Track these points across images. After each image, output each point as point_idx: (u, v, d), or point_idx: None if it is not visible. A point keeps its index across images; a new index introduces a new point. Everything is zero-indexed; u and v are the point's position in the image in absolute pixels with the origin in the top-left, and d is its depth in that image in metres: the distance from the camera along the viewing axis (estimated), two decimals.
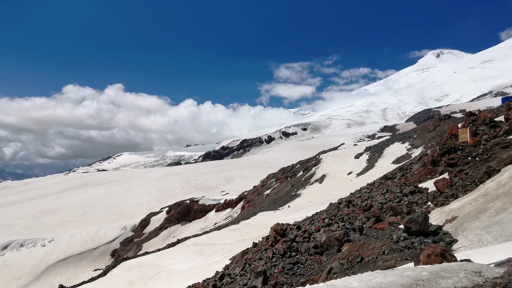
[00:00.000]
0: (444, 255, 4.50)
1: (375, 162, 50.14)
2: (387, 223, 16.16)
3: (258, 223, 32.70)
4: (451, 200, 17.09)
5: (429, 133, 51.92)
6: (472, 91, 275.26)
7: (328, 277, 9.38)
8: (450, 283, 2.91)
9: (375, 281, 2.92)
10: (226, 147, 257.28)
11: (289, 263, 13.15)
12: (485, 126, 30.65)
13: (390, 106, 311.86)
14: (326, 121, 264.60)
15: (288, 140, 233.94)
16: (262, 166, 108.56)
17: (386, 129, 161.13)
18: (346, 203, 24.82)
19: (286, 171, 68.48)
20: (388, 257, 10.17)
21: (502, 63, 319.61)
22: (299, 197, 44.83)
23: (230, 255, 22.16)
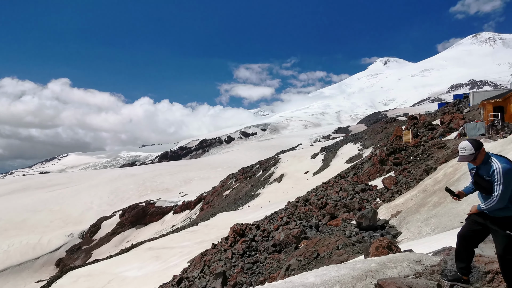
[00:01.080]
0: (390, 247, 4.89)
1: (330, 161, 52.68)
2: (341, 220, 17.07)
3: (218, 224, 32.42)
4: (396, 196, 18.60)
5: (378, 135, 55.96)
6: (413, 96, 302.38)
7: (286, 274, 9.64)
8: (395, 272, 3.18)
9: (330, 275, 3.08)
10: (184, 147, 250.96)
11: (248, 262, 13.25)
12: (425, 129, 33.88)
13: (344, 109, 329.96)
14: (285, 122, 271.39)
15: (248, 141, 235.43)
16: (222, 166, 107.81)
17: (340, 130, 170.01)
18: (303, 202, 25.71)
19: (246, 171, 68.82)
20: (341, 251, 10.75)
21: (438, 73, 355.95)
22: (259, 196, 45.37)
23: (188, 257, 21.65)
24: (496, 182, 2.72)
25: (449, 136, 28.59)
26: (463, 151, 2.88)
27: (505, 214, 2.72)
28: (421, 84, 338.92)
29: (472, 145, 2.87)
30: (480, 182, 2.87)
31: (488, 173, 2.79)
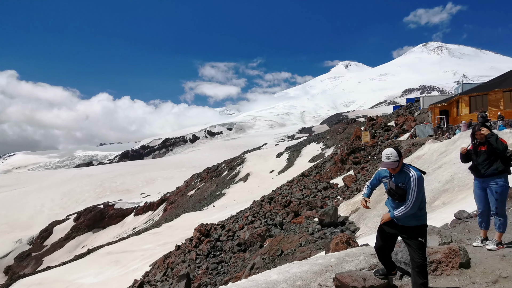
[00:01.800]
0: (349, 242, 5.15)
1: (294, 160, 54.01)
2: (304, 217, 17.59)
3: (182, 224, 31.71)
4: (355, 193, 19.60)
5: (339, 135, 58.48)
6: (372, 99, 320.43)
7: (251, 272, 9.72)
8: (352, 265, 3.37)
9: (292, 271, 3.18)
10: (146, 146, 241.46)
11: (213, 263, 13.14)
12: (381, 130, 36.01)
13: (308, 110, 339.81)
14: (251, 122, 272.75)
15: (213, 140, 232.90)
16: (186, 166, 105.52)
17: (304, 131, 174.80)
18: (268, 200, 26.07)
19: (211, 171, 68.06)
20: (304, 248, 11.09)
21: (393, 77, 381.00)
22: (224, 196, 45.13)
23: (150, 261, 20.91)
24: (411, 188, 2.83)
25: (402, 137, 30.76)
26: (389, 157, 2.89)
27: (416, 223, 2.85)
28: (379, 87, 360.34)
29: (397, 152, 2.92)
30: (395, 189, 2.92)
31: (403, 181, 2.88)
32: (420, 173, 2.93)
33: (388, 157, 2.90)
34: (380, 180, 3.20)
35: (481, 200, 3.62)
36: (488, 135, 3.57)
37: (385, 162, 2.91)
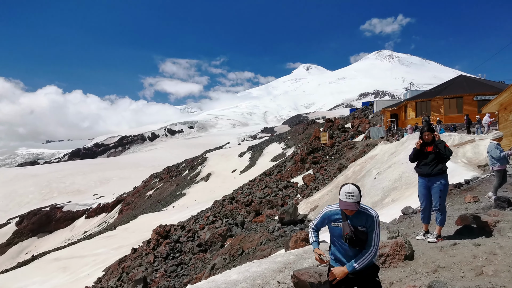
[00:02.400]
0: (307, 239, 5.33)
1: (257, 160, 54.51)
2: (265, 216, 17.83)
3: (139, 226, 30.37)
4: (314, 192, 20.35)
5: (299, 135, 60.26)
6: (330, 101, 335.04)
7: (211, 273, 9.62)
8: (310, 262, 3.49)
9: (252, 270, 3.21)
10: (100, 144, 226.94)
11: (172, 265, 12.78)
12: (339, 131, 37.76)
13: (270, 110, 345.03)
14: (213, 120, 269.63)
15: (174, 138, 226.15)
16: (145, 165, 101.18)
17: (266, 130, 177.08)
18: (229, 200, 26.00)
19: (171, 170, 66.12)
20: (265, 246, 11.25)
21: (350, 81, 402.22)
22: (185, 196, 44.13)
23: (103, 266, 19.71)
24: (374, 231, 2.32)
25: (357, 138, 32.62)
26: (350, 197, 2.31)
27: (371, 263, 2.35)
28: (337, 90, 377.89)
29: (358, 191, 2.36)
30: (358, 234, 2.31)
31: (364, 223, 2.34)
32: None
33: (349, 196, 2.31)
34: (328, 222, 2.51)
35: (425, 197, 3.97)
36: (438, 141, 3.95)
37: (345, 202, 2.32)
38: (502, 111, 14.17)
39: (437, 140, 3.94)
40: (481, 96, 22.56)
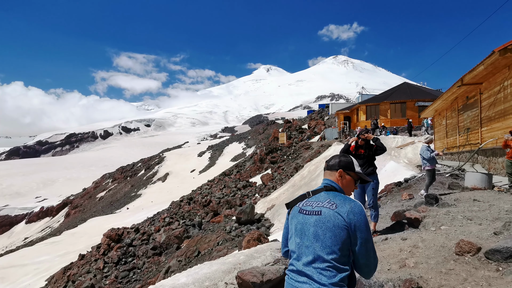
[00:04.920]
0: (260, 238, 5.48)
1: (216, 160, 54.06)
2: (223, 216, 17.81)
3: (88, 231, 28.44)
4: (272, 191, 20.81)
5: (259, 135, 61.02)
6: (289, 103, 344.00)
7: (165, 276, 9.39)
8: (259, 261, 3.61)
9: (202, 272, 3.23)
10: (45, 142, 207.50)
11: (124, 270, 12.20)
12: (296, 132, 38.96)
13: (231, 109, 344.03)
14: (171, 119, 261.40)
15: (129, 136, 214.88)
16: (96, 165, 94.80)
17: (226, 130, 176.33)
18: (187, 200, 25.49)
19: (126, 170, 62.88)
20: (221, 247, 11.26)
21: (309, 84, 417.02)
22: (140, 197, 42.32)
23: (47, 275, 18.14)
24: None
25: (314, 139, 34.02)
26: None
27: None
28: (296, 92, 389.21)
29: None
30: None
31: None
32: None
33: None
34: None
35: (360, 196, 4.35)
36: (374, 138, 4.38)
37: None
38: (437, 116, 15.80)
39: (373, 137, 4.35)
40: (421, 102, 24.91)
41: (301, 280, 1.45)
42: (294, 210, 1.64)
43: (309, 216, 1.54)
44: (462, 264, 2.58)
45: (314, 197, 1.61)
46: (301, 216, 1.57)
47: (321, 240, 1.46)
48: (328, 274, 1.42)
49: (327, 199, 1.56)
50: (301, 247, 1.51)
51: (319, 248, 1.46)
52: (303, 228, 1.53)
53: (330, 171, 1.70)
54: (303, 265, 1.47)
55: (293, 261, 1.53)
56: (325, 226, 1.48)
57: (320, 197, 1.59)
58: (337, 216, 1.47)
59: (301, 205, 1.61)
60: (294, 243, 1.56)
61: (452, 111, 12.96)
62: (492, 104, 9.10)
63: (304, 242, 1.51)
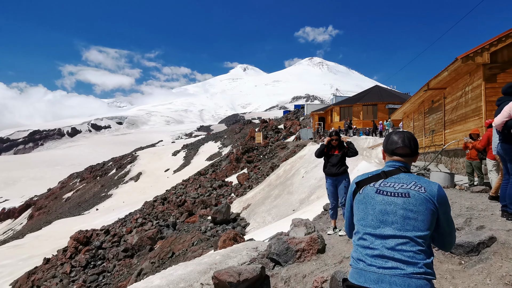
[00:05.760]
0: (235, 238, 5.47)
1: (191, 159, 53.22)
2: (198, 216, 17.58)
3: (54, 233, 26.97)
4: (248, 190, 20.83)
5: (236, 135, 60.85)
6: (266, 103, 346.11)
7: (137, 279, 9.10)
8: (235, 261, 3.60)
9: (176, 274, 3.17)
10: (6, 139, 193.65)
11: (93, 274, 11.69)
12: (272, 131, 39.27)
13: (207, 108, 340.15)
14: (145, 117, 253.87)
15: (99, 134, 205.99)
16: (63, 164, 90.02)
17: (202, 129, 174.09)
18: (161, 200, 24.89)
19: (95, 170, 60.26)
20: (196, 247, 11.11)
21: (285, 84, 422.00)
22: (111, 197, 40.74)
23: (10, 279, 17.00)
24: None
25: (289, 139, 34.48)
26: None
27: None
28: (272, 92, 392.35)
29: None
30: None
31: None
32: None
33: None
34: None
35: (333, 195, 4.48)
36: (348, 142, 4.51)
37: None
38: (405, 118, 16.58)
39: (347, 141, 4.49)
40: (391, 104, 26.03)
41: (389, 265, 1.33)
42: (367, 190, 1.51)
43: (393, 197, 1.44)
44: None
45: (393, 179, 1.51)
46: (381, 197, 1.46)
47: (411, 223, 1.39)
48: (421, 257, 1.35)
49: (411, 181, 1.48)
50: (385, 230, 1.39)
51: (410, 231, 1.37)
52: (386, 210, 1.43)
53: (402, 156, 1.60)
54: (390, 249, 1.35)
55: (372, 245, 1.39)
56: (416, 209, 1.40)
57: (401, 179, 1.50)
58: (428, 200, 1.42)
59: (377, 186, 1.50)
60: (371, 226, 1.43)
61: (419, 113, 13.67)
62: (454, 108, 9.71)
63: (389, 224, 1.40)
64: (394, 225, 1.40)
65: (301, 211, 10.72)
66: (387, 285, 1.30)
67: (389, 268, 1.32)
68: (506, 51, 7.81)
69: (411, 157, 1.60)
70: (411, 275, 1.31)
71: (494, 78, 7.80)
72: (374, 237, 1.41)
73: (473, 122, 8.30)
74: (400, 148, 1.59)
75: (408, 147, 1.59)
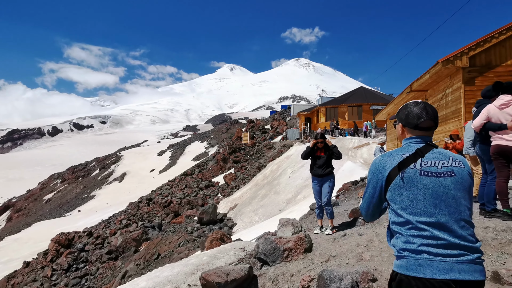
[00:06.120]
0: (223, 238, 5.45)
1: (177, 159, 52.60)
2: (184, 217, 17.40)
3: (33, 236, 26.08)
4: (234, 191, 20.78)
5: (222, 134, 60.58)
6: (253, 103, 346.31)
7: (122, 282, 8.92)
8: (223, 261, 3.59)
9: (163, 275, 3.13)
10: None
11: (75, 277, 11.37)
12: (259, 132, 39.34)
13: (193, 108, 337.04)
14: (130, 116, 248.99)
15: (81, 134, 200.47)
16: (43, 164, 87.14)
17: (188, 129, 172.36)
18: (146, 201, 24.49)
19: (78, 170, 58.64)
20: (182, 248, 10.99)
21: (272, 85, 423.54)
22: (94, 199, 39.75)
23: None
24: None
25: (276, 139, 34.63)
26: None
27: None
28: (259, 92, 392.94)
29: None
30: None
31: None
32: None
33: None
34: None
35: (320, 195, 4.55)
36: (332, 146, 4.58)
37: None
38: (388, 119, 16.97)
39: (331, 145, 4.57)
40: (376, 105, 26.59)
41: (455, 253, 1.23)
42: (409, 174, 1.33)
43: (441, 178, 1.31)
44: None
45: (430, 157, 1.36)
46: (428, 180, 1.31)
47: (463, 204, 1.29)
48: (475, 240, 1.27)
49: (448, 157, 1.37)
50: (441, 216, 1.27)
51: (463, 213, 1.28)
52: (437, 193, 1.29)
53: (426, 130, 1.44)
54: (452, 236, 1.25)
55: (432, 234, 1.26)
56: (463, 187, 1.31)
57: (437, 155, 1.37)
58: (469, 174, 1.33)
59: (419, 167, 1.33)
60: (424, 213, 1.28)
61: None
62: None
63: (443, 209, 1.27)
64: (448, 208, 1.28)
65: (288, 210, 10.79)
66: (456, 273, 1.21)
67: (456, 255, 1.23)
68: (484, 55, 8.14)
69: (434, 130, 1.48)
70: (476, 261, 1.24)
71: (472, 81, 8.10)
72: (431, 225, 1.27)
73: (453, 124, 8.60)
74: (425, 121, 1.43)
75: (433, 119, 1.45)
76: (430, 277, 1.22)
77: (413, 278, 1.24)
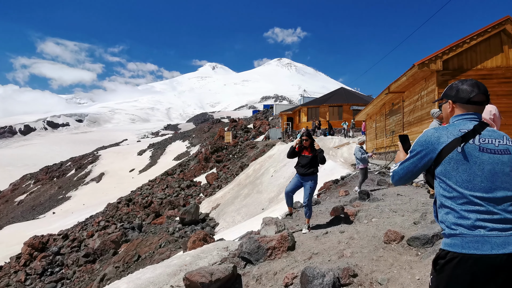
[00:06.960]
0: (205, 238, 5.42)
1: (158, 159, 51.60)
2: (165, 217, 17.12)
3: (5, 239, 24.80)
4: (217, 190, 20.66)
5: (204, 134, 60.00)
6: (235, 102, 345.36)
7: (100, 285, 8.66)
8: (206, 261, 3.57)
9: (144, 277, 3.08)
10: None
11: (50, 281, 10.93)
12: (242, 131, 39.31)
13: (174, 106, 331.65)
14: (108, 114, 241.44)
15: (56, 132, 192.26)
16: (14, 164, 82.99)
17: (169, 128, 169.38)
18: (126, 202, 23.88)
19: (52, 170, 56.27)
20: (164, 249, 10.82)
21: (254, 84, 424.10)
22: (70, 200, 38.31)
23: None
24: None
25: (259, 138, 34.73)
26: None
27: None
28: (241, 92, 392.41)
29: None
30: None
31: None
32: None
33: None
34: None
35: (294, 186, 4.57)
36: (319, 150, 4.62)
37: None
38: (368, 119, 17.45)
39: (318, 149, 4.60)
40: (356, 106, 27.24)
41: (510, 227, 1.24)
42: (468, 148, 1.33)
43: (499, 155, 1.33)
44: (389, 251, 2.92)
45: (486, 133, 1.37)
46: (487, 156, 1.32)
47: None
48: None
49: (502, 136, 1.39)
50: (498, 192, 1.28)
51: None
52: (495, 169, 1.30)
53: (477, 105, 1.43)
54: (506, 211, 1.26)
55: (488, 209, 1.27)
56: None
57: (492, 133, 1.38)
58: None
59: (477, 143, 1.34)
60: (481, 189, 1.29)
61: (381, 115, 14.47)
62: (412, 111, 10.41)
63: (499, 185, 1.29)
64: (504, 185, 1.30)
65: (270, 209, 10.86)
66: None
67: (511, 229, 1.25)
68: (456, 59, 8.54)
69: (485, 106, 1.45)
70: None
71: (446, 83, 8.49)
72: (487, 200, 1.28)
73: (428, 124, 8.97)
74: (478, 95, 1.41)
75: (484, 93, 1.42)
76: (489, 253, 1.22)
77: (469, 255, 1.24)
